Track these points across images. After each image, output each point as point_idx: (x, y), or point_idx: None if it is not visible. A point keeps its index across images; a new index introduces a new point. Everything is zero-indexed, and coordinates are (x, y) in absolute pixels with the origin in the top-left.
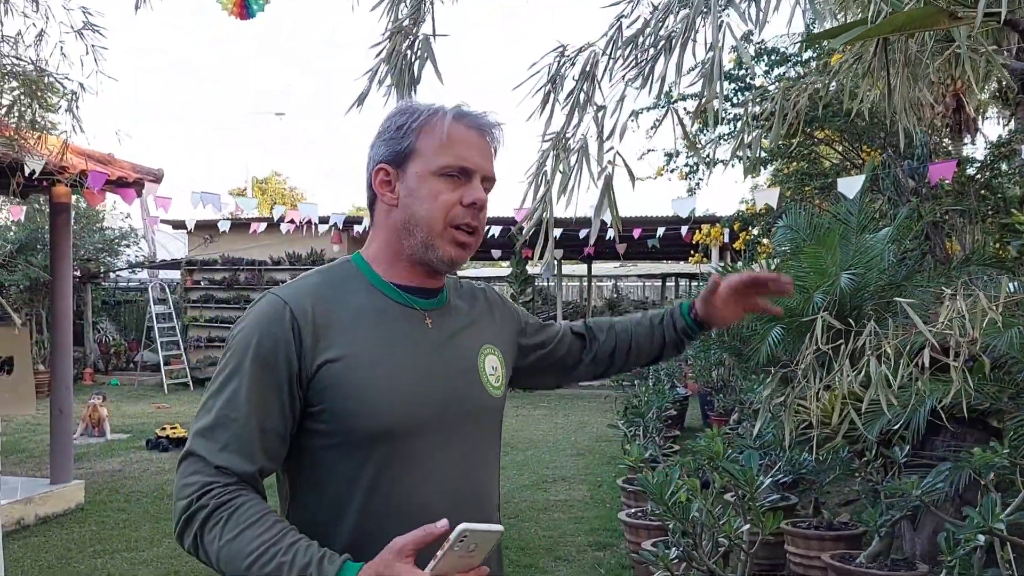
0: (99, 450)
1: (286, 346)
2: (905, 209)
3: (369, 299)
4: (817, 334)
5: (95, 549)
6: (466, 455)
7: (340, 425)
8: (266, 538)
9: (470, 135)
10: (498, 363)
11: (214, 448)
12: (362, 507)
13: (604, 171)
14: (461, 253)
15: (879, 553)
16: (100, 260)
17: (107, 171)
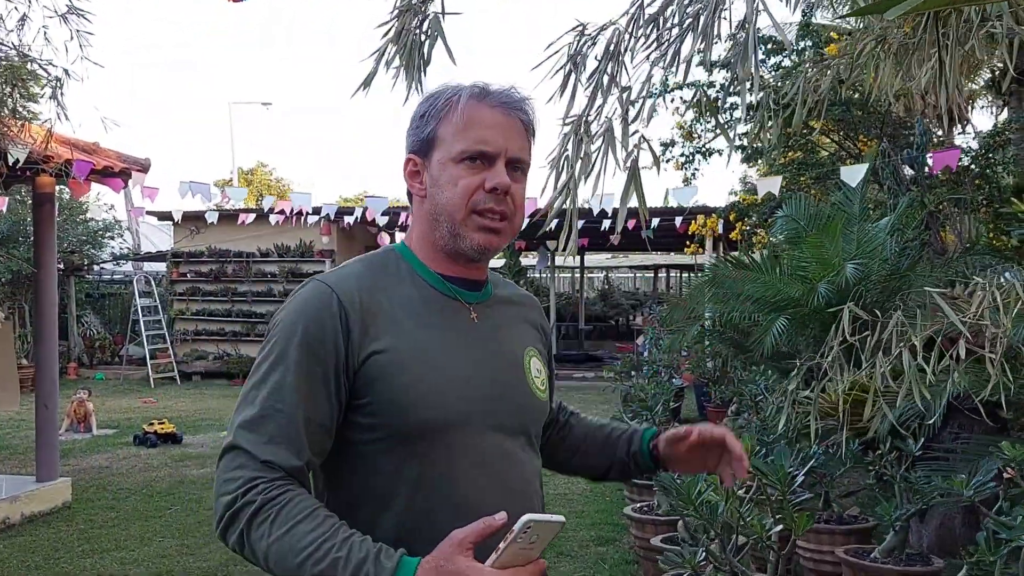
0: (85, 446)
1: (334, 334)
2: (906, 198)
3: (415, 289)
4: (844, 325)
5: (84, 549)
6: (513, 452)
7: (386, 419)
8: (319, 534)
9: (491, 115)
10: (542, 367)
11: (259, 441)
12: (407, 502)
13: (631, 155)
14: (490, 239)
15: (894, 548)
16: (84, 252)
17: (93, 160)
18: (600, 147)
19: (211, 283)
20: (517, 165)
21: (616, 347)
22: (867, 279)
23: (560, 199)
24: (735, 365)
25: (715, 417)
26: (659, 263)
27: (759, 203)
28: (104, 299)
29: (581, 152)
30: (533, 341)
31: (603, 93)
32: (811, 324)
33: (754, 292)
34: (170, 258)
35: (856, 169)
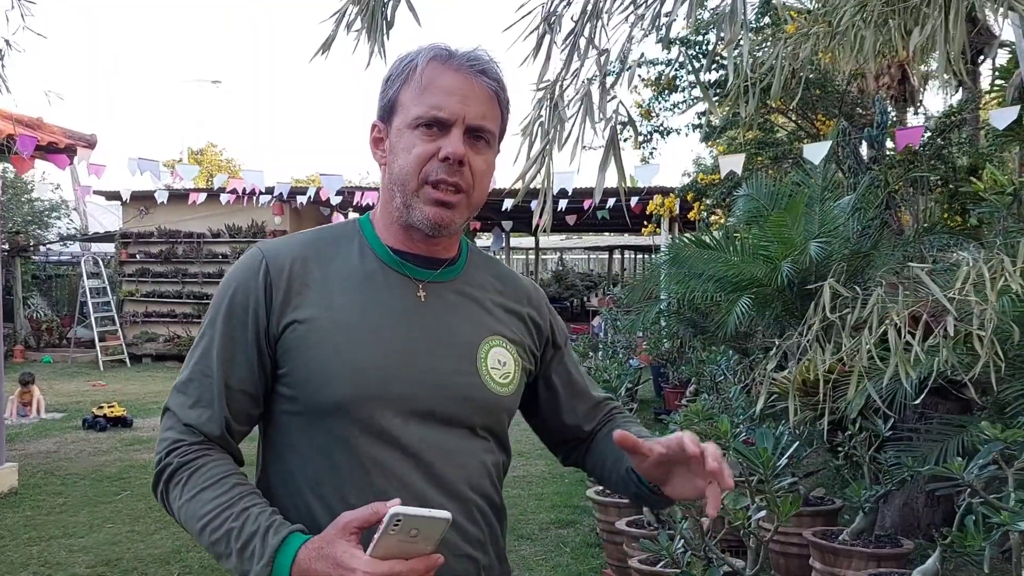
0: (32, 430)
1: (256, 300)
2: (867, 177)
3: (361, 262)
4: (825, 302)
5: (30, 536)
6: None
7: (300, 392)
8: (220, 502)
9: (452, 78)
10: (509, 359)
11: (185, 404)
12: (322, 483)
13: (610, 122)
14: (442, 213)
15: (863, 530)
16: (29, 232)
17: (36, 136)
18: (576, 113)
19: (161, 264)
20: (478, 134)
21: (572, 328)
22: (830, 258)
23: (533, 169)
24: (694, 345)
25: (673, 397)
26: (614, 244)
27: (717, 183)
28: (51, 280)
29: (555, 119)
30: (504, 331)
31: (580, 56)
32: (774, 303)
33: (715, 272)
34: (119, 239)
35: (819, 147)
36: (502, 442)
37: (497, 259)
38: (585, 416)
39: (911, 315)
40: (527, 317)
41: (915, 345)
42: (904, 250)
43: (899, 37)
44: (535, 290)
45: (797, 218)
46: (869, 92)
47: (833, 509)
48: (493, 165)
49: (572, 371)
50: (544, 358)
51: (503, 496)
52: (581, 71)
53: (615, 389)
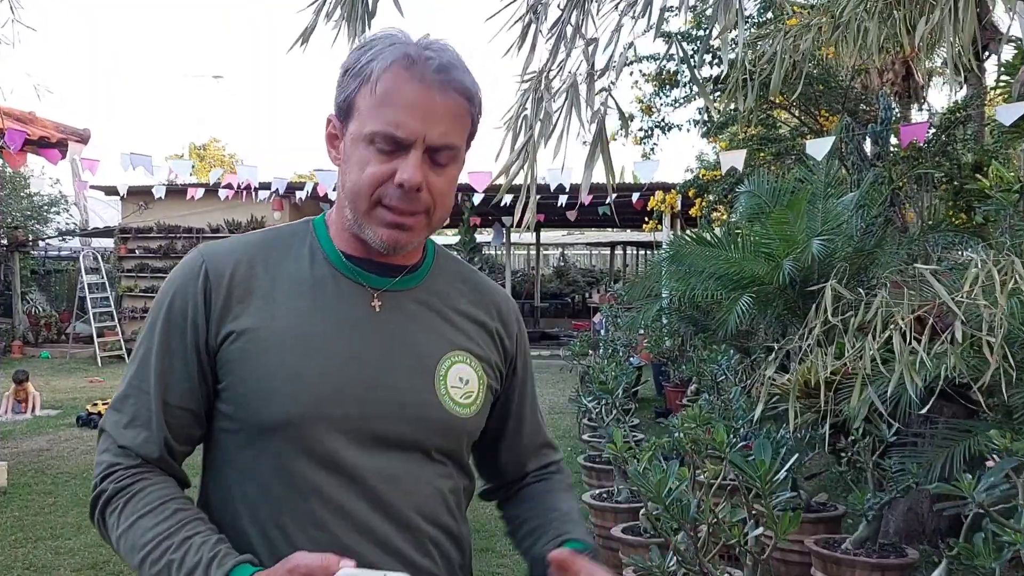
0: (25, 427)
1: (195, 308)
2: (871, 174)
3: (311, 267)
4: (827, 304)
5: (16, 538)
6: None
7: (239, 409)
8: (160, 530)
9: (414, 92)
10: (472, 377)
11: (120, 423)
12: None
13: (597, 115)
14: (397, 236)
15: (866, 538)
16: (28, 228)
17: (27, 130)
18: (563, 105)
19: (160, 259)
20: (442, 151)
21: (572, 325)
22: (832, 256)
23: (517, 163)
24: (695, 344)
25: (674, 396)
26: (616, 240)
27: (719, 179)
28: (50, 276)
29: (541, 112)
30: (469, 345)
31: (566, 46)
32: (775, 302)
33: (716, 269)
34: (118, 234)
35: (822, 142)
36: (462, 466)
37: (467, 263)
38: (523, 460)
39: (916, 318)
40: (495, 332)
41: (921, 351)
42: (908, 248)
43: (904, 29)
44: (506, 302)
45: (799, 215)
46: (873, 88)
47: (836, 515)
48: (456, 177)
49: (527, 405)
50: (503, 382)
51: (468, 523)
52: (568, 62)
53: (611, 391)
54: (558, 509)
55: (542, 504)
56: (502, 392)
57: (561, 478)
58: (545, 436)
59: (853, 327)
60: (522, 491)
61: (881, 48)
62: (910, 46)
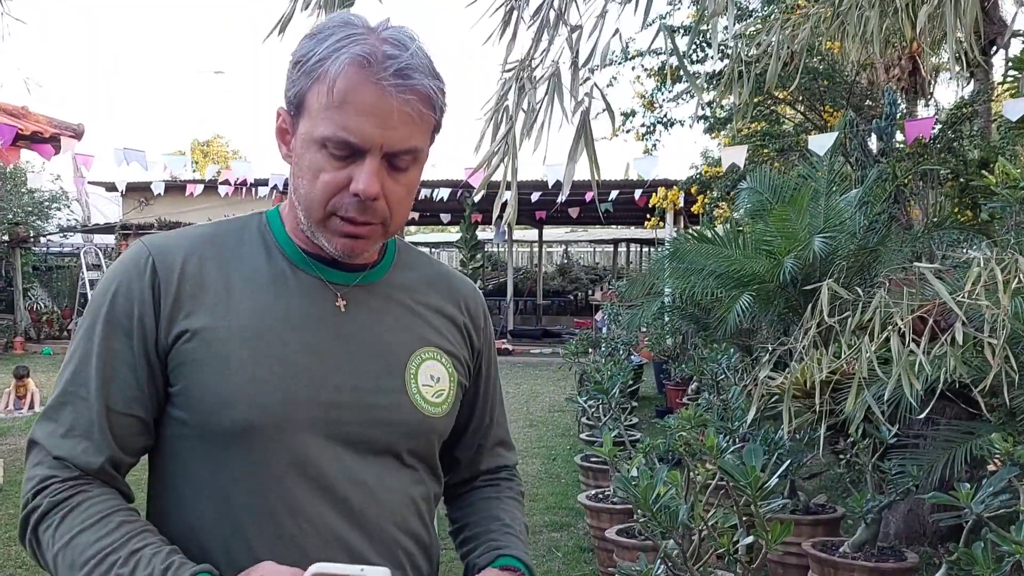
0: (24, 424)
1: (141, 306)
2: (875, 170)
3: (268, 263)
4: (823, 304)
5: (11, 535)
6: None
7: (194, 414)
8: (104, 544)
9: (368, 96)
10: (443, 374)
11: (55, 433)
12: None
13: (580, 105)
14: (353, 244)
15: (865, 541)
16: (29, 224)
17: (19, 125)
18: (545, 96)
19: None
20: (401, 156)
21: (574, 322)
22: (835, 254)
23: (498, 156)
24: (695, 342)
25: (674, 395)
26: (619, 237)
27: (721, 176)
28: (52, 272)
29: (524, 103)
30: (438, 340)
31: (549, 33)
32: (776, 301)
33: (717, 267)
34: (119, 230)
35: (824, 138)
36: (433, 470)
37: (429, 255)
38: (478, 458)
39: (917, 317)
40: (463, 326)
41: (919, 354)
42: (912, 246)
43: (906, 18)
44: (474, 295)
45: (801, 212)
46: (879, 84)
47: (835, 518)
48: (417, 180)
49: (489, 401)
50: (470, 378)
51: (435, 532)
52: (550, 51)
53: (607, 391)
54: (500, 520)
55: (486, 512)
56: (469, 388)
57: (511, 485)
58: (504, 434)
59: (850, 327)
60: (469, 494)
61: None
62: (911, 36)
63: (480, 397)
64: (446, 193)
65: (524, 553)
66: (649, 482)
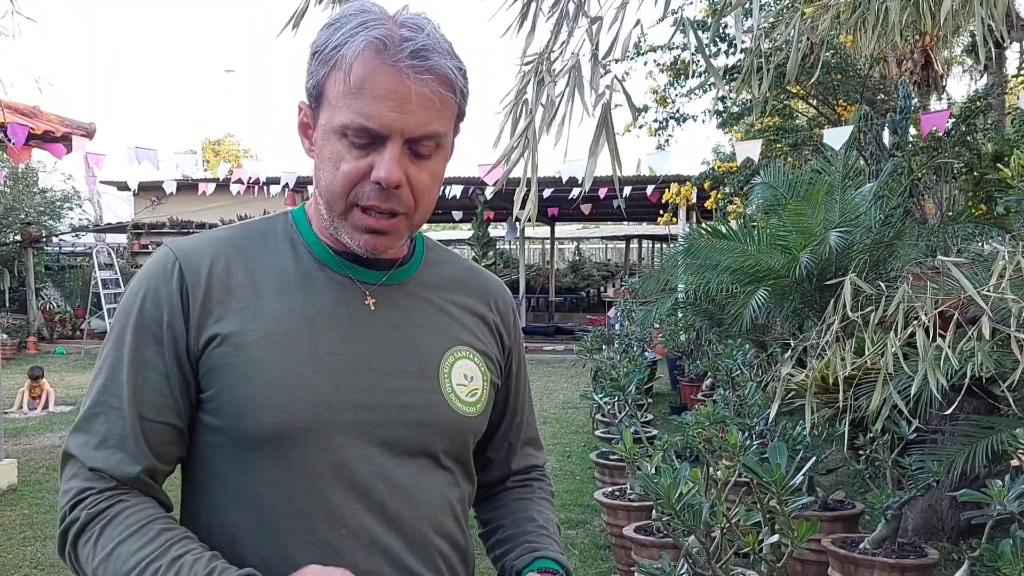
0: (38, 424)
1: (171, 311)
2: (890, 164)
3: (296, 263)
4: (846, 299)
5: (25, 536)
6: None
7: (227, 419)
8: (145, 554)
9: (386, 79)
10: (476, 373)
11: (89, 444)
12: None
13: (602, 98)
14: (375, 241)
15: (885, 538)
16: (42, 223)
17: (31, 124)
18: (565, 89)
19: None
20: (423, 142)
21: (587, 319)
22: (851, 249)
23: (517, 150)
24: (710, 338)
25: (689, 391)
26: (631, 233)
27: (735, 171)
28: (64, 272)
29: (543, 96)
30: (469, 339)
31: (568, 25)
32: (792, 296)
33: (732, 263)
34: (131, 229)
35: (840, 132)
36: (467, 472)
37: (457, 253)
38: (510, 457)
39: (940, 312)
40: (494, 325)
41: (946, 348)
42: (928, 240)
43: (927, 8)
44: (503, 292)
45: (816, 206)
46: (892, 78)
47: (853, 514)
48: (442, 170)
49: (520, 400)
50: (502, 376)
51: (469, 535)
52: (570, 43)
53: (623, 388)
54: (535, 520)
55: (520, 512)
56: (500, 388)
57: (542, 485)
58: (534, 433)
59: (873, 322)
60: (501, 495)
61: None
62: (934, 25)
63: (511, 396)
64: (458, 190)
65: (560, 554)
66: (672, 480)
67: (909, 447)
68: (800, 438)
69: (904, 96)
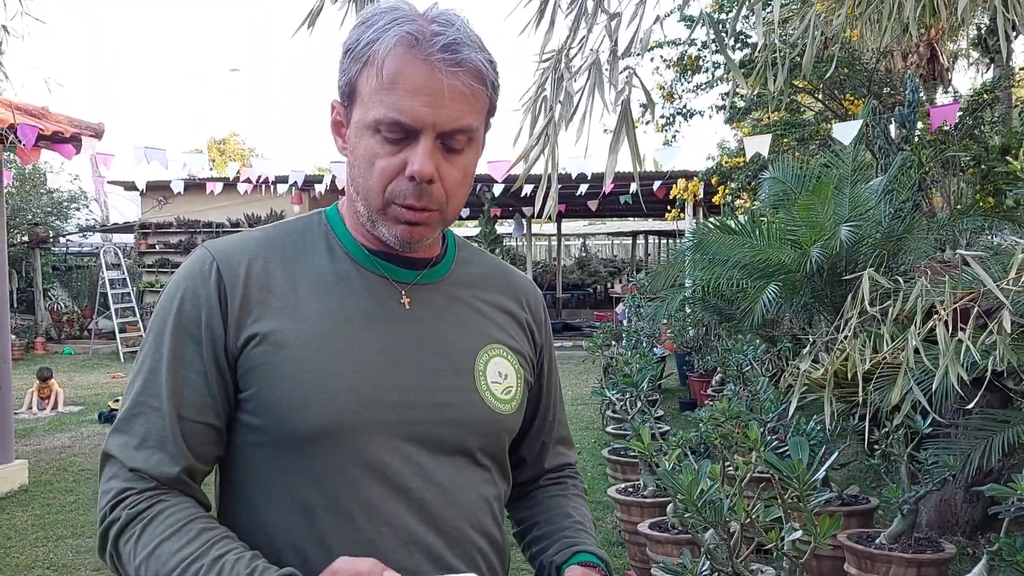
0: (48, 425)
1: (209, 312)
2: (899, 158)
3: (332, 263)
4: (864, 293)
5: (37, 536)
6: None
7: (267, 419)
8: (187, 553)
9: (418, 73)
10: (511, 371)
11: (129, 445)
12: (298, 527)
13: (621, 95)
14: (412, 231)
15: (901, 532)
16: (49, 224)
17: (40, 125)
18: (584, 85)
19: (181, 255)
20: (456, 136)
21: (594, 315)
22: (861, 243)
23: (537, 148)
24: (719, 333)
25: (698, 387)
26: (637, 229)
27: (742, 166)
28: (71, 272)
29: (561, 93)
30: (503, 337)
31: (587, 21)
32: (802, 290)
33: (741, 257)
34: (138, 229)
35: (849, 126)
36: (503, 470)
37: (486, 252)
38: (543, 456)
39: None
40: (525, 323)
41: (966, 341)
42: (938, 234)
43: (942, 1)
44: (533, 291)
45: (826, 201)
46: (897, 71)
47: (868, 509)
48: (474, 164)
49: (551, 398)
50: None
51: (505, 533)
52: (588, 39)
53: (636, 384)
54: (571, 516)
55: (556, 509)
56: (533, 386)
57: (576, 483)
58: (565, 431)
59: (892, 317)
60: (535, 493)
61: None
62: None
63: (544, 394)
64: None
65: (599, 549)
66: (693, 477)
67: (923, 441)
68: (814, 433)
69: (912, 90)
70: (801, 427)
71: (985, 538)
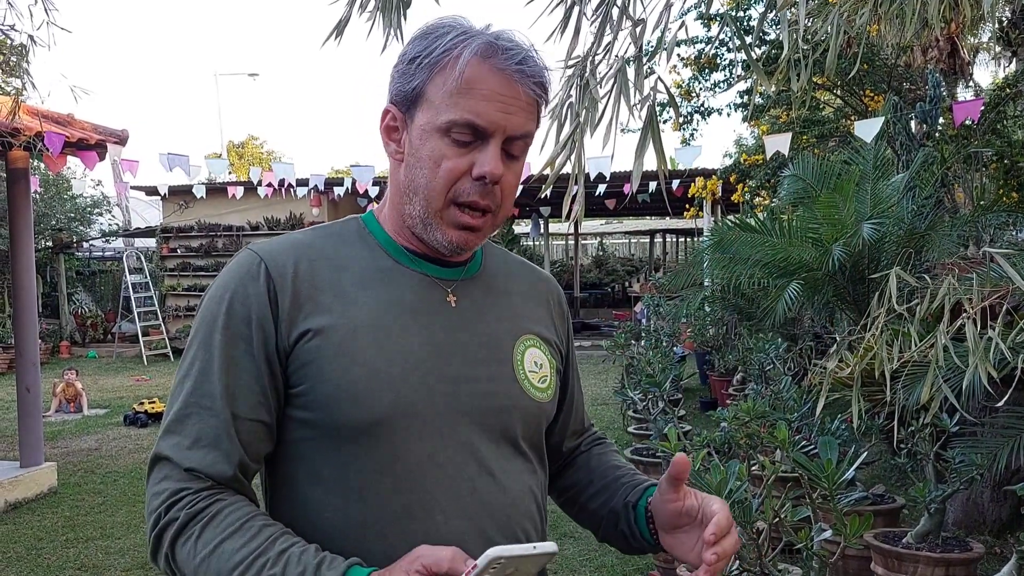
0: (74, 427)
1: (260, 310)
2: (921, 154)
3: (375, 261)
4: (892, 292)
5: (67, 538)
6: (489, 461)
7: (321, 413)
8: (250, 550)
9: (495, 81)
10: (544, 360)
11: (182, 445)
12: (354, 518)
13: (647, 100)
14: (466, 237)
15: (928, 532)
16: (72, 229)
17: (66, 133)
18: (610, 91)
19: (202, 258)
20: (517, 142)
21: (613, 315)
22: (884, 241)
23: (563, 154)
24: (740, 332)
25: (719, 386)
26: (655, 228)
27: (761, 164)
28: (95, 276)
29: (587, 99)
30: (535, 327)
31: (612, 28)
32: (824, 289)
33: (762, 256)
34: (160, 233)
35: (871, 123)
36: (542, 459)
37: (505, 249)
38: (571, 435)
39: (988, 305)
40: (552, 314)
41: (996, 339)
42: (961, 230)
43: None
44: (555, 284)
45: (848, 198)
46: (917, 66)
47: (894, 508)
48: (522, 171)
49: (573, 383)
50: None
51: (546, 523)
52: (614, 45)
53: (659, 384)
54: (621, 467)
55: (604, 464)
56: (562, 374)
57: (610, 444)
58: (588, 419)
59: (919, 315)
60: (575, 459)
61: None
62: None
63: (569, 383)
64: None
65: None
66: (722, 477)
67: (950, 440)
68: (839, 432)
69: (934, 85)
70: (827, 426)
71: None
